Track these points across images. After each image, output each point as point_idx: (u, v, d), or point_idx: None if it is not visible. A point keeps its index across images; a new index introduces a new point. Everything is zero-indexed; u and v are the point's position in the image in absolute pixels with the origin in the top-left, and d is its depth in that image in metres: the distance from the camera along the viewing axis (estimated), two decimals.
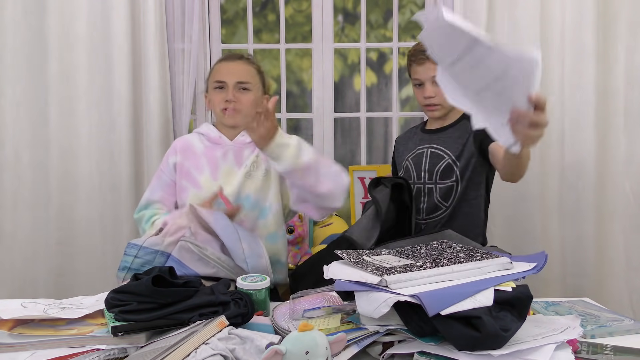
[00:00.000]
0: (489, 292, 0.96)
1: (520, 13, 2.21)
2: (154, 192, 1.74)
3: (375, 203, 1.62)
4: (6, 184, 2.17)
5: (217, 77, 1.72)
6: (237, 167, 1.72)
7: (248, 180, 1.70)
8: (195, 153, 1.74)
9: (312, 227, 2.34)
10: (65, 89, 2.17)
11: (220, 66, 1.76)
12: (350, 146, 2.56)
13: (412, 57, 1.83)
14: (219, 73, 1.73)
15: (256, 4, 2.49)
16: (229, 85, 1.70)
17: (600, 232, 2.25)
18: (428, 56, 1.76)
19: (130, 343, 1.03)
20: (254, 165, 1.72)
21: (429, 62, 1.78)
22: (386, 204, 1.60)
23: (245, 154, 1.73)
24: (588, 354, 1.00)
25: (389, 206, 1.60)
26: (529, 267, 1.04)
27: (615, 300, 2.21)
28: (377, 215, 1.61)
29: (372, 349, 1.01)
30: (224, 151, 1.73)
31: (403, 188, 1.66)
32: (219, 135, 1.75)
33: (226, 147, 1.74)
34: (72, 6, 2.15)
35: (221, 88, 1.71)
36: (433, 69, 1.79)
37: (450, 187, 1.77)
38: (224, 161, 1.72)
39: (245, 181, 1.70)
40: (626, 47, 2.20)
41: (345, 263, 1.15)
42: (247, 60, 1.77)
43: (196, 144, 1.75)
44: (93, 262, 2.20)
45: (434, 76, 1.77)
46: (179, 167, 1.72)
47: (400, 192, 1.66)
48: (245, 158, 1.73)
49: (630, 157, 2.22)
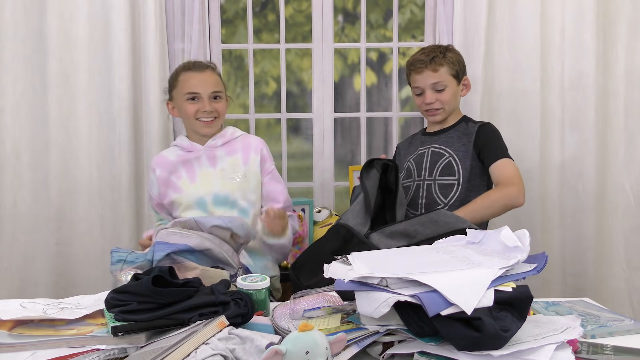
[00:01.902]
0: (489, 292, 0.96)
1: (520, 13, 2.21)
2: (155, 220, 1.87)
3: (364, 191, 1.62)
4: (6, 184, 2.17)
5: (189, 88, 1.78)
6: (212, 168, 1.80)
7: (225, 181, 1.77)
8: (171, 162, 1.82)
9: (312, 227, 2.34)
10: (65, 89, 2.17)
11: (189, 77, 1.80)
12: (350, 146, 2.56)
13: (411, 66, 1.87)
14: (190, 85, 1.78)
15: (256, 4, 2.48)
16: (203, 97, 1.77)
17: (600, 232, 2.25)
18: (426, 65, 1.83)
19: (130, 343, 1.03)
20: (232, 167, 1.78)
21: (427, 70, 1.83)
22: (374, 190, 1.60)
23: (219, 156, 1.81)
24: (588, 354, 1.00)
25: (377, 192, 1.61)
26: (529, 268, 1.04)
27: (615, 300, 2.21)
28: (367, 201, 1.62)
29: (372, 349, 1.01)
30: (197, 156, 1.81)
31: (389, 169, 1.65)
32: (191, 144, 1.83)
33: (199, 152, 1.82)
34: (72, 6, 2.15)
35: (194, 99, 1.77)
36: (432, 76, 1.84)
37: (450, 185, 1.78)
38: (199, 166, 1.80)
39: (223, 182, 1.77)
40: (626, 47, 2.20)
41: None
42: (213, 70, 1.85)
43: (170, 156, 1.84)
44: (93, 262, 2.20)
45: (433, 83, 1.84)
46: (160, 179, 1.80)
47: (386, 174, 1.66)
48: (218, 159, 1.80)
49: (630, 157, 2.23)
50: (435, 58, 1.82)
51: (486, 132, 1.83)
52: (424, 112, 1.92)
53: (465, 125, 1.87)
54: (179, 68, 1.85)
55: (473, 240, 1.20)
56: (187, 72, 1.81)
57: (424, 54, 1.85)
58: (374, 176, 1.62)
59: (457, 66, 1.86)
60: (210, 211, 1.74)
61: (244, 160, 1.80)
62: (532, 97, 2.22)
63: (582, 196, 2.25)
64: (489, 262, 1.03)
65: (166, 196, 1.79)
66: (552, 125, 2.23)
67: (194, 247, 1.34)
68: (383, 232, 1.42)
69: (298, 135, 2.56)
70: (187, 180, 1.78)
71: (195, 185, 1.77)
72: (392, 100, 2.44)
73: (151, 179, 1.84)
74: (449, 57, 1.84)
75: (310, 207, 2.15)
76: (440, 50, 1.85)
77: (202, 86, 1.77)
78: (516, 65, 2.23)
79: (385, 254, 1.22)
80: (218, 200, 1.75)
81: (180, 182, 1.79)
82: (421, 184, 1.83)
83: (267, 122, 2.51)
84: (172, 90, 1.84)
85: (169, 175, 1.80)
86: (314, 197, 2.42)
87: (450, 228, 1.37)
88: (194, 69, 1.81)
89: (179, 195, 1.78)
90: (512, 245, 1.09)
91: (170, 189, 1.79)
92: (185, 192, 1.77)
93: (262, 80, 2.56)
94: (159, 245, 1.35)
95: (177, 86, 1.81)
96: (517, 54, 2.22)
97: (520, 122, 2.24)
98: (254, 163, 1.80)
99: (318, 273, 1.40)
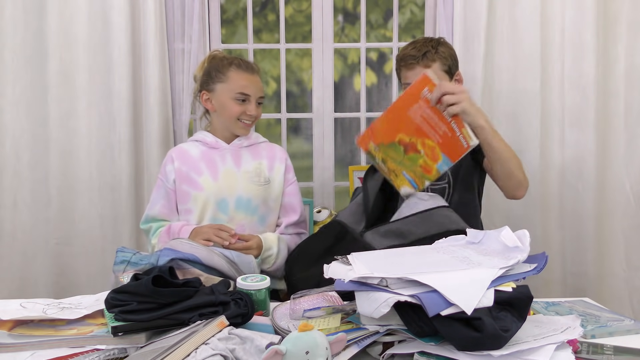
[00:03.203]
0: (489, 292, 0.96)
1: (520, 13, 2.21)
2: (156, 203, 1.76)
3: (364, 191, 1.61)
4: (6, 184, 2.17)
5: (241, 89, 1.73)
6: (237, 168, 1.75)
7: (249, 184, 1.74)
8: (192, 157, 1.76)
9: (312, 227, 2.34)
10: (65, 89, 2.17)
11: (242, 77, 1.74)
12: (350, 146, 2.56)
13: (402, 61, 1.79)
14: (242, 85, 1.73)
15: (256, 4, 2.48)
16: (252, 100, 1.74)
17: (600, 232, 2.25)
18: (418, 61, 1.74)
19: (130, 343, 1.03)
20: (256, 171, 1.76)
21: (419, 66, 1.74)
22: (375, 193, 1.59)
23: (244, 157, 1.77)
24: (588, 354, 1.00)
25: (377, 195, 1.60)
26: (529, 268, 1.04)
27: (615, 300, 2.21)
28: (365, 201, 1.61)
29: (372, 349, 1.01)
30: (221, 154, 1.76)
31: None
32: (216, 140, 1.78)
33: (224, 150, 1.77)
34: (72, 6, 2.15)
35: (243, 100, 1.73)
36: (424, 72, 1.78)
37: (441, 189, 1.75)
38: (222, 163, 1.75)
39: (247, 185, 1.73)
40: (626, 47, 2.20)
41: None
42: (258, 73, 1.81)
43: (192, 150, 1.78)
44: (93, 262, 2.20)
45: None
46: (178, 172, 1.74)
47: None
48: (244, 160, 1.77)
49: (630, 157, 2.23)
50: (427, 53, 1.74)
51: None
52: None
53: None
54: (226, 62, 1.77)
55: (473, 240, 1.20)
56: (239, 70, 1.75)
57: (414, 49, 1.76)
58: (378, 178, 1.62)
59: (449, 61, 1.78)
60: (231, 215, 1.71)
61: (269, 167, 1.78)
62: (532, 97, 2.22)
63: (582, 196, 2.25)
64: (488, 262, 1.03)
65: (180, 191, 1.73)
66: (552, 125, 2.23)
67: (201, 259, 1.34)
68: (377, 231, 1.42)
69: (298, 135, 2.56)
70: (209, 177, 1.73)
71: (218, 184, 1.72)
72: (392, 100, 2.44)
73: (168, 170, 1.75)
74: (441, 52, 1.76)
75: (310, 207, 2.15)
76: (432, 45, 1.77)
77: (253, 89, 1.74)
78: (516, 65, 2.22)
79: (385, 254, 1.22)
80: (241, 204, 1.72)
81: (200, 178, 1.72)
82: None
83: (267, 122, 2.51)
84: (216, 82, 1.76)
85: (188, 171, 1.73)
86: (314, 197, 2.42)
87: (443, 228, 1.36)
88: (246, 69, 1.76)
89: (198, 193, 1.71)
90: (512, 246, 1.09)
91: (187, 184, 1.73)
92: (206, 190, 1.71)
93: (262, 80, 2.54)
94: (166, 251, 1.36)
95: (226, 81, 1.74)
96: (517, 54, 2.22)
97: (520, 122, 2.24)
98: (278, 172, 1.79)
99: (310, 267, 1.40)
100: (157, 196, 1.77)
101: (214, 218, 1.71)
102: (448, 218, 1.40)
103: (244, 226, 1.71)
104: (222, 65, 1.77)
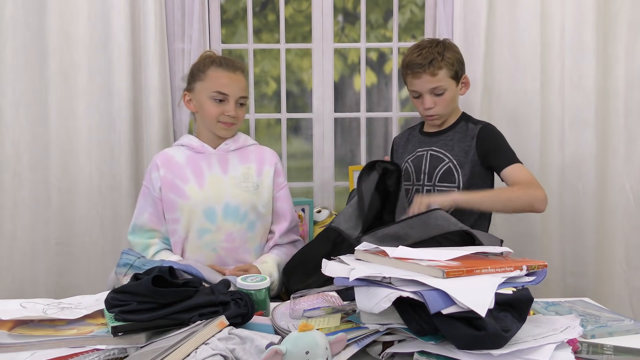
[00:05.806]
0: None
1: (520, 13, 2.21)
2: (144, 211, 1.70)
3: (359, 194, 1.61)
4: (6, 184, 2.16)
5: (218, 87, 1.66)
6: (223, 174, 1.70)
7: (237, 190, 1.68)
8: (178, 164, 1.70)
9: (312, 227, 2.34)
10: (65, 89, 2.17)
11: (220, 75, 1.68)
12: (350, 146, 2.56)
13: (408, 68, 1.78)
14: (219, 84, 1.66)
15: (256, 4, 2.48)
16: (230, 100, 1.67)
17: (600, 232, 2.25)
18: (424, 69, 1.73)
19: (130, 343, 1.03)
20: (244, 176, 1.70)
21: (425, 74, 1.74)
22: (370, 195, 1.58)
23: (231, 162, 1.71)
24: (588, 354, 1.00)
25: (373, 195, 1.60)
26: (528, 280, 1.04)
27: (615, 300, 2.21)
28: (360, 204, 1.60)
29: (372, 348, 1.01)
30: (208, 159, 1.70)
31: (388, 173, 1.63)
32: (202, 144, 1.72)
33: (210, 155, 1.71)
34: (72, 6, 2.15)
35: (221, 100, 1.66)
36: (430, 80, 1.75)
37: (450, 192, 1.75)
38: (209, 169, 1.69)
39: (234, 191, 1.68)
40: (626, 47, 2.20)
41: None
42: (244, 73, 1.73)
43: (177, 156, 1.72)
44: (93, 262, 2.20)
45: (432, 88, 1.75)
46: (164, 180, 1.68)
47: (385, 177, 1.63)
48: (231, 165, 1.71)
49: (630, 157, 2.22)
50: (434, 61, 1.73)
51: (489, 137, 1.78)
52: (424, 117, 1.89)
53: (465, 126, 1.85)
54: (208, 60, 1.71)
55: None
56: (218, 68, 1.67)
57: (420, 56, 1.74)
58: (373, 179, 1.61)
59: (456, 66, 1.78)
60: (219, 224, 1.65)
61: (258, 171, 1.72)
62: (532, 97, 2.22)
63: (582, 196, 2.25)
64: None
65: (167, 200, 1.67)
66: (552, 125, 2.23)
67: (205, 276, 1.35)
68: (374, 236, 1.40)
69: (298, 135, 2.56)
70: (195, 185, 1.66)
71: (204, 192, 1.65)
72: (392, 100, 2.44)
73: (154, 177, 1.69)
74: (447, 58, 1.75)
75: (310, 207, 2.15)
76: (438, 51, 1.75)
77: (231, 88, 1.66)
78: (516, 65, 2.22)
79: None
80: (229, 212, 1.65)
81: (187, 186, 1.66)
82: (420, 189, 1.82)
83: (267, 122, 2.51)
84: (195, 81, 1.70)
85: (173, 179, 1.67)
86: (314, 197, 2.42)
87: (441, 231, 1.36)
88: (226, 66, 1.68)
89: (185, 202, 1.65)
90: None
91: (173, 193, 1.66)
92: (193, 199, 1.64)
93: (262, 80, 2.56)
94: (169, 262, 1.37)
95: (204, 80, 1.67)
96: (517, 53, 2.22)
97: (520, 122, 2.23)
98: (267, 176, 1.73)
99: (308, 278, 1.40)
100: (145, 204, 1.71)
101: (201, 228, 1.66)
102: (446, 220, 1.40)
103: (233, 234, 1.67)
104: (203, 63, 1.71)
